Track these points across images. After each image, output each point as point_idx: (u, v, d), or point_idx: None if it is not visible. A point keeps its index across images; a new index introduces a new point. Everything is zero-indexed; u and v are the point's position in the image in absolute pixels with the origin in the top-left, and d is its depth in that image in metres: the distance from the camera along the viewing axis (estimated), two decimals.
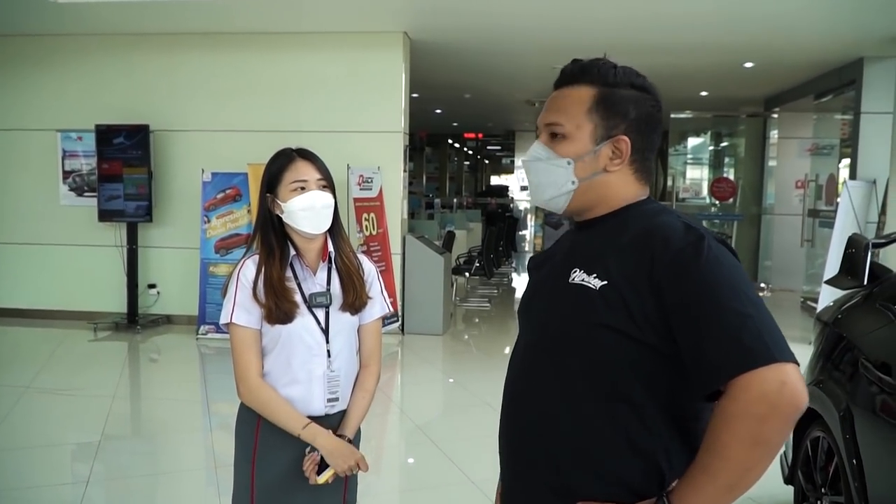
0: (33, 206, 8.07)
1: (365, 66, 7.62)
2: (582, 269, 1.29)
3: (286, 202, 1.91)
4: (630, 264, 1.23)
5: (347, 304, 1.97)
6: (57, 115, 7.98)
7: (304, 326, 1.93)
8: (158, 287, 7.94)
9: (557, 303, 1.32)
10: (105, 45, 7.88)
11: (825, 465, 2.74)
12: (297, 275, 1.96)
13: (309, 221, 1.92)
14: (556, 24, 7.22)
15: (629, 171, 1.34)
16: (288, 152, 1.98)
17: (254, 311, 1.91)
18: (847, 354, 2.74)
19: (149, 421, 5.29)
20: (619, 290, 1.22)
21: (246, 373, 1.92)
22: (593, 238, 1.34)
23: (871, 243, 2.93)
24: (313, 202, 1.91)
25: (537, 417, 1.32)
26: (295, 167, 1.93)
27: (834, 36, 7.47)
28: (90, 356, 6.86)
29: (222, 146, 7.70)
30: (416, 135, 16.73)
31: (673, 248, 1.20)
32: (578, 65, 1.35)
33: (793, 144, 11.31)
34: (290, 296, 1.91)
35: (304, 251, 1.98)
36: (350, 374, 2.02)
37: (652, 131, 1.35)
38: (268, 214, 1.96)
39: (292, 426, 1.89)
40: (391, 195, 7.63)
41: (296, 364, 1.93)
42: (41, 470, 4.09)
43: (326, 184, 1.95)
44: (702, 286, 1.17)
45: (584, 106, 1.31)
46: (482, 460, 1.40)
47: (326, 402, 1.95)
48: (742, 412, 1.11)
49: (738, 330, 1.14)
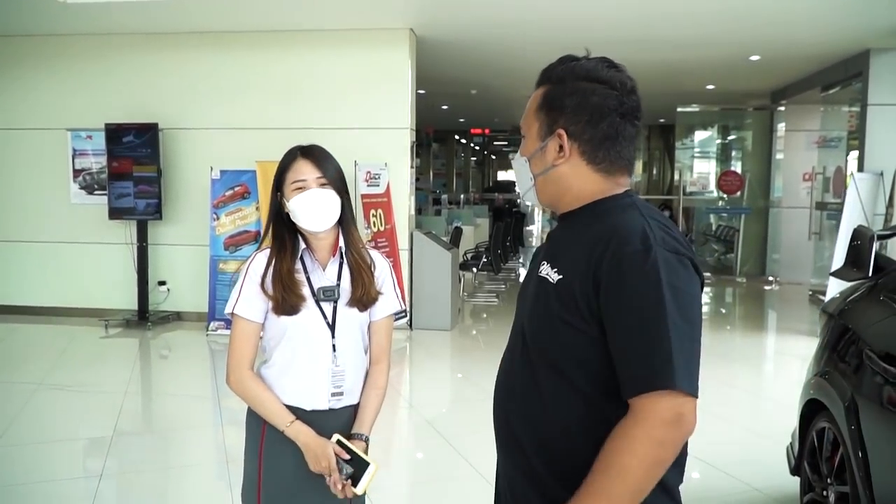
0: (44, 204, 8.15)
1: (371, 63, 7.66)
2: (548, 263, 1.35)
3: (289, 201, 1.95)
4: (583, 260, 1.26)
5: (355, 300, 1.98)
6: (67, 115, 8.05)
7: (310, 319, 1.94)
8: (168, 284, 8.00)
9: (529, 295, 1.40)
10: (113, 44, 7.94)
11: (831, 456, 2.76)
12: (306, 268, 1.98)
13: (308, 219, 1.94)
14: (562, 20, 7.23)
15: (581, 162, 1.34)
16: (293, 151, 2.00)
17: (258, 304, 1.94)
18: (852, 346, 2.76)
19: (160, 416, 5.34)
20: (571, 284, 1.26)
21: (238, 363, 1.95)
22: (565, 232, 1.39)
23: (876, 235, 2.94)
24: (311, 201, 1.93)
25: (512, 405, 1.38)
26: (296, 167, 1.96)
27: (839, 28, 7.45)
28: (101, 353, 6.93)
29: (231, 144, 7.75)
30: (422, 131, 16.74)
31: (620, 251, 1.21)
32: (547, 68, 1.42)
33: (800, 137, 11.28)
34: (297, 288, 1.93)
35: (315, 246, 2.00)
36: (358, 370, 2.02)
37: (601, 120, 1.31)
38: (279, 210, 2.00)
39: (277, 421, 1.91)
40: (398, 191, 7.66)
41: (301, 357, 1.95)
42: (54, 464, 4.14)
43: (327, 181, 1.95)
44: (632, 297, 1.19)
45: (534, 106, 1.38)
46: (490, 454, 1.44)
47: (331, 396, 1.96)
48: (645, 436, 1.15)
49: (651, 349, 1.16)
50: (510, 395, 1.39)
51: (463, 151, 24.72)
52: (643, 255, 1.20)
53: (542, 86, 1.39)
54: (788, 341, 7.64)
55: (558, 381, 1.29)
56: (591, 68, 1.34)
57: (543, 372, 1.31)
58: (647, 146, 21.15)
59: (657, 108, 14.60)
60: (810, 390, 2.98)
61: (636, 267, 1.19)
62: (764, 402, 5.47)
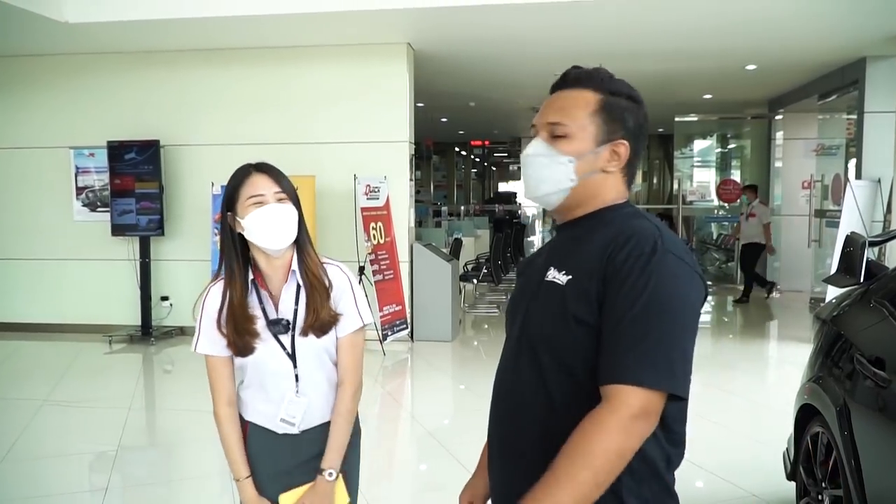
0: (48, 222, 8.22)
1: (370, 78, 7.73)
2: (555, 268, 1.37)
3: (244, 218, 1.85)
4: (594, 259, 1.31)
5: (307, 326, 1.90)
6: (69, 133, 8.14)
7: (269, 353, 1.89)
8: (171, 299, 8.06)
9: (535, 301, 1.40)
10: (115, 62, 8.03)
11: (825, 460, 2.79)
12: (260, 298, 1.91)
13: (268, 236, 1.85)
14: (558, 33, 7.30)
15: (620, 175, 1.42)
16: (245, 167, 1.93)
17: (220, 339, 1.90)
18: (844, 351, 2.79)
19: (164, 431, 5.37)
20: (581, 282, 1.30)
21: (215, 399, 1.95)
22: (570, 238, 1.42)
23: (868, 241, 2.98)
24: (270, 215, 1.84)
25: (522, 419, 1.39)
26: (251, 181, 1.87)
27: (835, 36, 7.50)
28: (105, 368, 6.97)
29: (231, 159, 7.66)
30: (422, 143, 16.83)
31: (630, 248, 1.27)
32: (582, 70, 1.43)
33: (798, 145, 11.32)
34: (249, 324, 1.87)
35: (270, 270, 1.92)
36: (327, 393, 1.98)
37: (642, 141, 1.43)
38: (229, 235, 1.90)
39: (234, 472, 1.95)
40: (398, 204, 7.72)
41: (269, 386, 1.93)
42: (60, 479, 4.18)
43: (285, 196, 1.88)
44: (631, 290, 1.24)
45: (588, 109, 1.38)
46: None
47: (280, 423, 1.94)
48: (616, 425, 1.18)
49: (641, 343, 1.21)
50: (518, 408, 1.39)
51: (463, 163, 24.80)
52: (653, 256, 1.25)
53: (592, 91, 1.39)
54: (789, 349, 7.65)
55: (572, 387, 1.31)
56: (629, 88, 1.42)
57: (556, 379, 1.32)
58: (647, 156, 21.21)
59: (655, 118, 14.59)
60: (804, 395, 3.01)
61: (644, 265, 1.25)
62: (764, 409, 5.49)
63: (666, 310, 1.22)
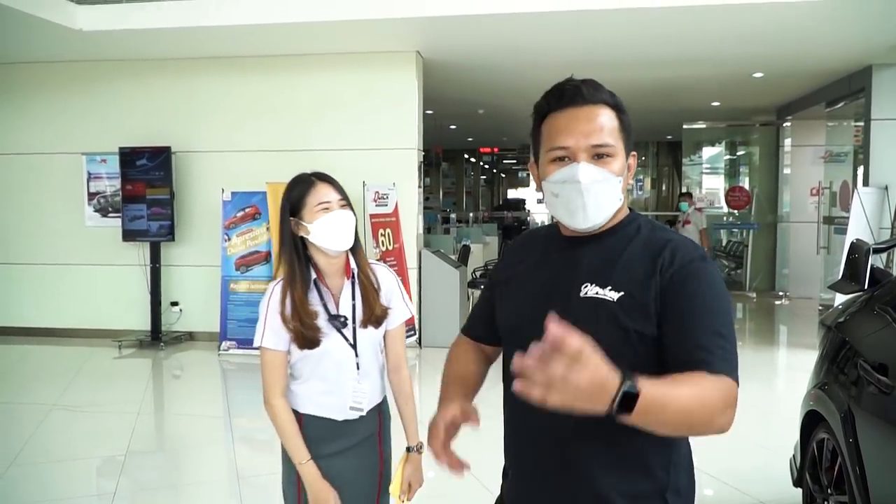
0: (60, 227, 8.30)
1: (379, 86, 7.78)
2: (594, 283, 1.37)
3: (312, 223, 2.02)
4: (643, 274, 1.34)
5: (367, 320, 2.10)
6: (82, 139, 8.22)
7: (333, 345, 2.06)
8: (181, 304, 8.11)
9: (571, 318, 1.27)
10: (127, 70, 8.11)
11: (830, 466, 2.80)
12: (322, 296, 2.08)
13: (334, 239, 2.03)
14: (567, 42, 7.33)
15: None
16: (306, 177, 2.08)
17: (282, 333, 2.04)
18: (849, 358, 2.80)
19: (172, 436, 5.40)
20: (636, 297, 1.33)
21: (270, 392, 2.07)
22: (596, 251, 1.41)
23: (872, 248, 2.99)
24: (337, 221, 2.03)
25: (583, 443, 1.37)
26: (317, 190, 2.04)
27: (842, 45, 7.50)
28: (115, 373, 7.01)
29: (241, 166, 7.88)
30: (431, 150, 16.87)
31: (682, 257, 1.33)
32: (591, 84, 1.40)
33: (806, 152, 11.31)
34: (313, 319, 2.03)
35: (328, 271, 2.09)
36: (377, 379, 2.17)
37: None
38: (290, 238, 2.06)
39: (293, 456, 2.05)
40: (406, 211, 7.76)
41: (331, 379, 2.08)
42: (69, 484, 4.21)
43: (346, 203, 2.08)
44: (703, 292, 1.31)
45: (615, 124, 1.39)
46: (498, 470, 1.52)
47: (349, 410, 2.11)
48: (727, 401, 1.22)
49: (719, 339, 1.28)
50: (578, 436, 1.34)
51: (472, 170, 24.84)
52: (703, 261, 1.35)
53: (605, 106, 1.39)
54: (797, 356, 7.63)
55: None
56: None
57: None
58: (656, 163, 21.21)
59: (664, 125, 14.67)
60: (810, 402, 3.02)
61: (703, 270, 1.33)
62: (773, 416, 5.48)
63: (726, 309, 1.31)
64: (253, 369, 7.17)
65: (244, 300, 7.60)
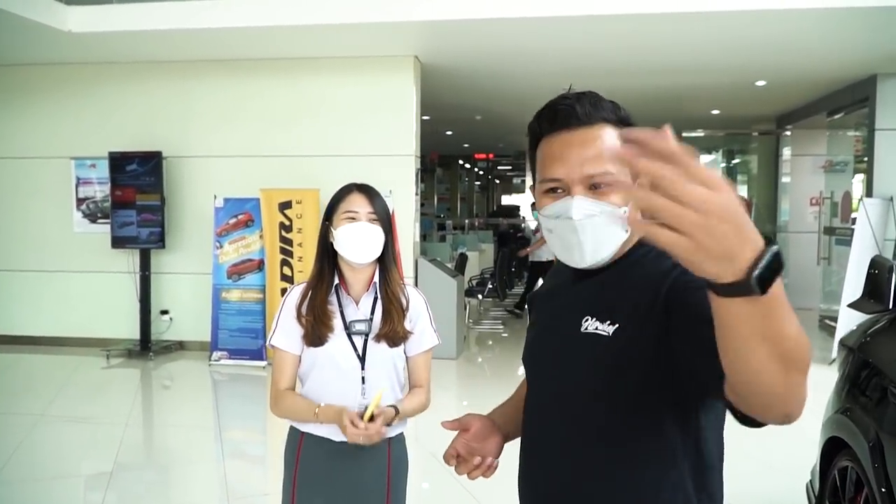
0: (48, 233, 8.12)
1: (376, 91, 7.64)
2: (594, 318, 1.24)
3: (337, 230, 2.04)
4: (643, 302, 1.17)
5: (382, 335, 2.05)
6: (71, 143, 8.04)
7: (338, 349, 2.03)
8: (171, 313, 7.94)
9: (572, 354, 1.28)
10: (118, 73, 7.95)
11: (854, 497, 2.66)
12: (340, 301, 2.07)
13: (353, 249, 2.02)
14: (567, 48, 7.22)
15: None
16: (349, 186, 2.12)
17: (294, 334, 2.05)
18: (874, 381, 2.67)
19: (161, 449, 5.24)
20: (630, 329, 1.18)
21: (274, 386, 2.09)
22: (602, 286, 1.27)
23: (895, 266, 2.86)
24: (358, 232, 2.02)
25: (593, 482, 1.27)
26: (349, 198, 2.07)
27: (846, 54, 7.42)
28: (103, 383, 6.84)
29: (234, 172, 7.72)
30: (427, 156, 16.76)
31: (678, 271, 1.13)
32: (589, 101, 1.24)
33: (806, 162, 11.23)
34: (328, 318, 2.03)
35: (353, 280, 2.10)
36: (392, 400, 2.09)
37: None
38: (323, 242, 2.11)
39: (308, 416, 2.01)
40: (403, 218, 7.60)
41: (331, 387, 2.03)
42: (54, 499, 4.06)
43: (376, 217, 2.05)
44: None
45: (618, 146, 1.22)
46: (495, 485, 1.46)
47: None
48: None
49: None
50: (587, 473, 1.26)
51: (467, 176, 24.73)
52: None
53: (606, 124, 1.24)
54: None
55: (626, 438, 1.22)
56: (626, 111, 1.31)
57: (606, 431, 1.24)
58: None
59: None
60: (832, 427, 2.88)
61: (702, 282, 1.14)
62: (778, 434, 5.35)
63: None
64: (245, 380, 7.05)
65: (236, 309, 7.44)
